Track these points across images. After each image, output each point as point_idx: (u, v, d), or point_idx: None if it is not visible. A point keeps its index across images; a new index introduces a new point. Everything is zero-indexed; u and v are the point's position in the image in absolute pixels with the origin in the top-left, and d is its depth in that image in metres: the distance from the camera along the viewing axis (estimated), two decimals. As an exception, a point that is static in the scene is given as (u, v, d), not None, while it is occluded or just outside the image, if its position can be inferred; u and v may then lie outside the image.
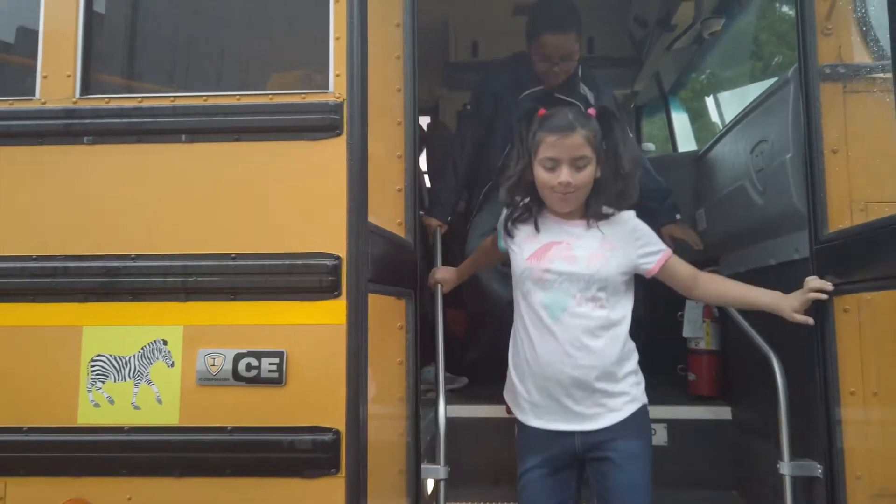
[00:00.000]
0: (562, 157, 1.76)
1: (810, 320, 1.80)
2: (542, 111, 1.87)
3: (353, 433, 1.60)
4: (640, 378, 1.85)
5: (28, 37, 1.99)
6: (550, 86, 2.88)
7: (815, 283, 1.78)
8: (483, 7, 3.82)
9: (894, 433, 1.66)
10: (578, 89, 2.94)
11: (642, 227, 1.87)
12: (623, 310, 1.81)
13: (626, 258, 1.82)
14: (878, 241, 1.59)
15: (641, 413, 1.82)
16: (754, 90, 3.21)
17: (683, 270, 1.88)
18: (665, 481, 2.07)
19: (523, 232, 1.90)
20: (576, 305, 1.77)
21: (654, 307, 2.56)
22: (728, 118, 3.22)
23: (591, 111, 1.86)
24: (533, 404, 1.84)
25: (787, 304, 1.80)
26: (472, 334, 3.38)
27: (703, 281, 1.90)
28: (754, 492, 2.45)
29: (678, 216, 2.92)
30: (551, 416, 1.81)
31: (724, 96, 4.49)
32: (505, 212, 1.96)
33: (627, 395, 1.79)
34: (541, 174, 1.81)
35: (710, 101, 4.68)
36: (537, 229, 1.87)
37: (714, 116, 4.66)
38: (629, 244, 1.83)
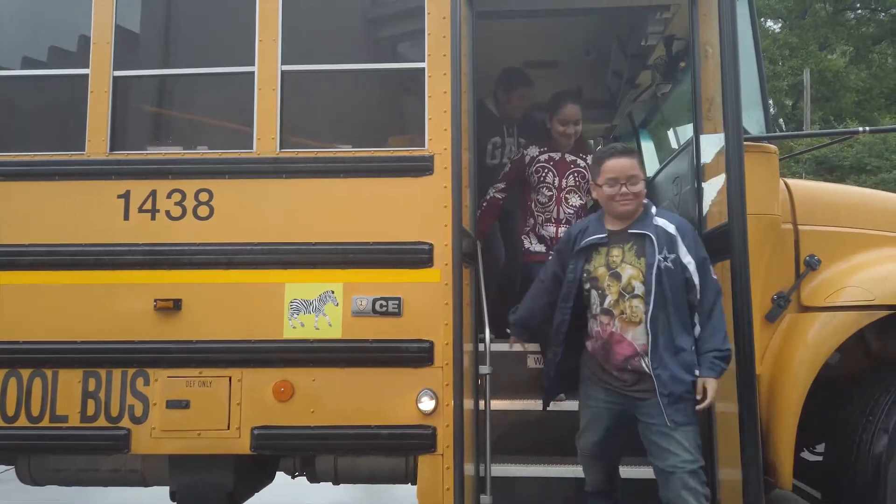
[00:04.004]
0: None
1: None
2: None
3: (457, 342, 2.99)
4: None
5: (247, 113, 3.39)
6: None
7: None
8: (501, 65, 5.21)
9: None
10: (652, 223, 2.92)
11: None
12: None
13: None
14: (720, 234, 3.00)
15: None
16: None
17: None
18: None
19: None
20: None
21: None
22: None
23: None
24: None
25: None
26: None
27: None
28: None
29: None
30: None
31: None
32: None
33: None
34: None
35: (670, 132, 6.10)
36: None
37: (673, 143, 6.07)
38: None
